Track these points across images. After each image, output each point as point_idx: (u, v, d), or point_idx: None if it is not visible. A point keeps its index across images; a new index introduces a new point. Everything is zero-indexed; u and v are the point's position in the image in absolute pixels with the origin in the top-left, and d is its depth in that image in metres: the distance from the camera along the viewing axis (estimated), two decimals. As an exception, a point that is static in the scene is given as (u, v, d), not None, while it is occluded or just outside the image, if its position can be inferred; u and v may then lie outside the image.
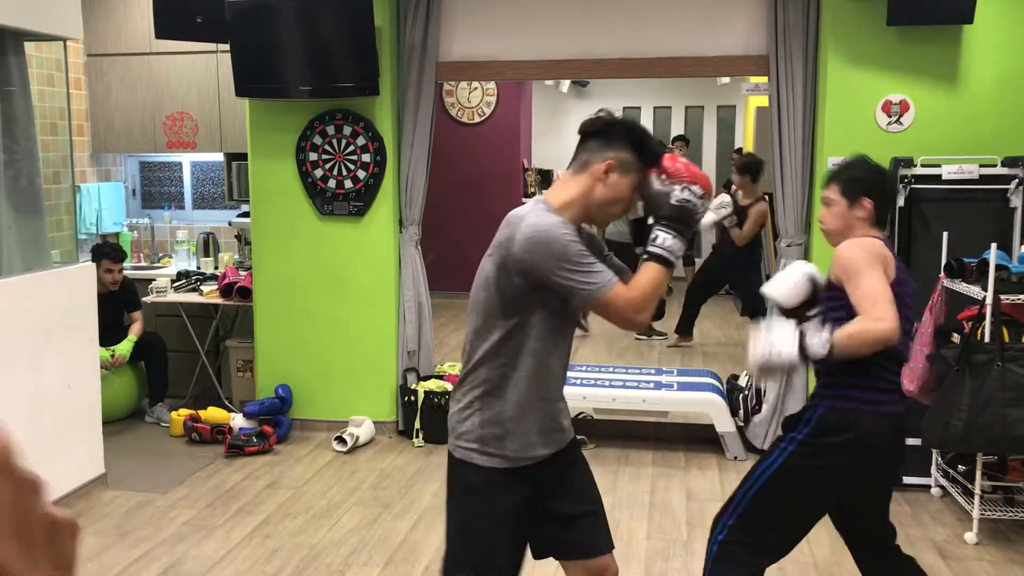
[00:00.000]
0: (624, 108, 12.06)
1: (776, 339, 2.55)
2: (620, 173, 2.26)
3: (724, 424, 5.09)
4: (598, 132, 2.30)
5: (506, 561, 2.33)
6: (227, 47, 5.22)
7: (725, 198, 6.69)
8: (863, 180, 2.76)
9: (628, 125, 2.31)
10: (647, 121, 12.05)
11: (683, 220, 2.26)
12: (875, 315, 2.49)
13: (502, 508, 2.29)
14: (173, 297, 5.88)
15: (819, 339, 2.51)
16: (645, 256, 2.27)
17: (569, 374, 2.48)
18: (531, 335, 2.24)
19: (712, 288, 7.93)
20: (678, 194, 2.25)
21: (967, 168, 4.59)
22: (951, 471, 4.38)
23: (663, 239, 2.25)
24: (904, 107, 4.80)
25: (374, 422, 5.43)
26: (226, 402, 5.89)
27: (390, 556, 3.91)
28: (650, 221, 2.33)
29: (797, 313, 2.73)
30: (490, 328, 2.26)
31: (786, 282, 2.75)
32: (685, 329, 7.73)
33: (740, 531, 2.68)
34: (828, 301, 2.71)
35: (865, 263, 2.57)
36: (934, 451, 4.48)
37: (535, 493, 2.34)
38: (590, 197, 2.27)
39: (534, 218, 2.18)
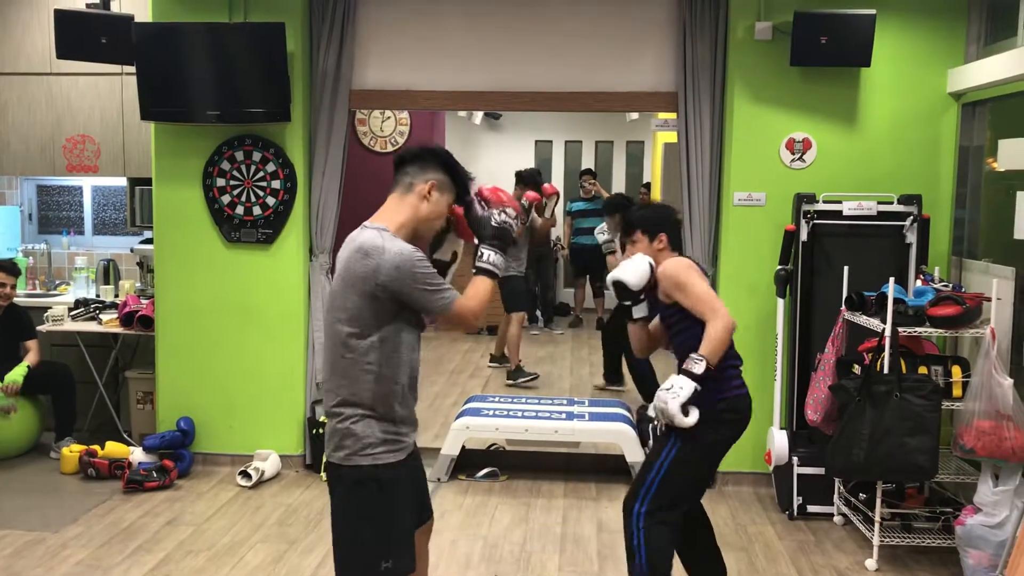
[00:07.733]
0: (536, 141, 12.19)
1: (677, 384, 3.04)
2: (440, 192, 2.65)
3: (634, 454, 5.13)
4: (415, 158, 2.67)
5: None
6: (133, 69, 5.08)
7: (603, 226, 6.71)
8: (657, 219, 3.41)
9: (439, 152, 2.71)
10: (558, 155, 12.20)
11: (503, 238, 2.73)
12: (716, 311, 3.09)
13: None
14: (70, 326, 5.65)
15: (696, 364, 3.03)
16: (475, 271, 2.69)
17: (481, 405, 2.73)
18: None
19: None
20: (497, 217, 2.73)
21: (866, 205, 4.77)
22: (852, 499, 4.49)
23: (488, 255, 2.70)
24: (807, 145, 4.96)
25: (280, 456, 5.30)
26: (125, 436, 5.67)
27: (296, 594, 3.79)
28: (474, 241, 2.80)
29: (638, 295, 3.31)
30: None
31: (634, 269, 3.29)
32: (614, 376, 7.34)
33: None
34: (670, 317, 3.31)
35: (685, 274, 3.21)
36: (836, 480, 4.59)
37: None
38: (418, 214, 2.64)
39: (392, 246, 2.51)
